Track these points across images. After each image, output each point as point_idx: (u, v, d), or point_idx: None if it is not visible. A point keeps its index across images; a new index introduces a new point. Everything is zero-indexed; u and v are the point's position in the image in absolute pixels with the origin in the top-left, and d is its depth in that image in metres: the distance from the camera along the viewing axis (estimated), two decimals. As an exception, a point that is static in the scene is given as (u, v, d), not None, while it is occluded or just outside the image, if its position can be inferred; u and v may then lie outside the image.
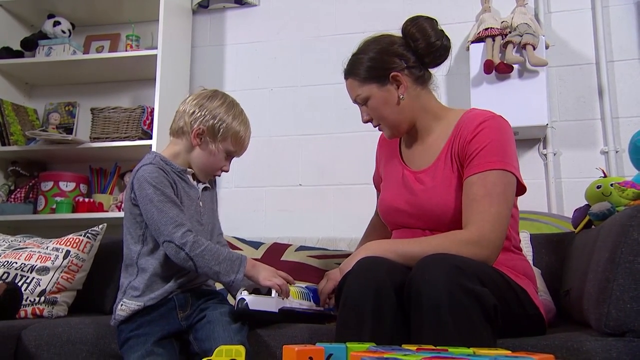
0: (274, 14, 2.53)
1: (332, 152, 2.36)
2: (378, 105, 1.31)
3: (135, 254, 1.28)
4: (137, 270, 1.27)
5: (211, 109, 1.31)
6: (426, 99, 1.35)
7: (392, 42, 1.32)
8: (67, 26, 2.51)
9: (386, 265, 1.11)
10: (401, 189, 1.34)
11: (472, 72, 2.13)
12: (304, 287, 1.41)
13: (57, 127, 2.46)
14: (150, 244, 1.28)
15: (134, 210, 1.27)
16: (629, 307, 1.05)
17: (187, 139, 1.32)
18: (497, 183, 1.19)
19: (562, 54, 2.20)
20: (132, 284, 1.27)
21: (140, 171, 1.26)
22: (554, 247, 1.72)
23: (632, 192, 1.40)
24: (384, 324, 1.04)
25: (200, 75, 2.55)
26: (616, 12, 2.19)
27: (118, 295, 1.29)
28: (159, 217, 1.22)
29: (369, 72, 1.30)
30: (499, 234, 1.17)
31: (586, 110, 2.16)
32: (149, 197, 1.23)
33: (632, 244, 1.08)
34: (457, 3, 2.33)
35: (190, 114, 1.31)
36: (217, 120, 1.31)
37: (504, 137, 1.24)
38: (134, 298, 1.25)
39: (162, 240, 1.23)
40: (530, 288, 1.24)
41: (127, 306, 1.25)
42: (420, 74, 1.33)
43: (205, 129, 1.30)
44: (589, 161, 2.10)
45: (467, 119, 1.29)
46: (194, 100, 1.34)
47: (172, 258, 1.23)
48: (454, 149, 1.28)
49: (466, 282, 0.99)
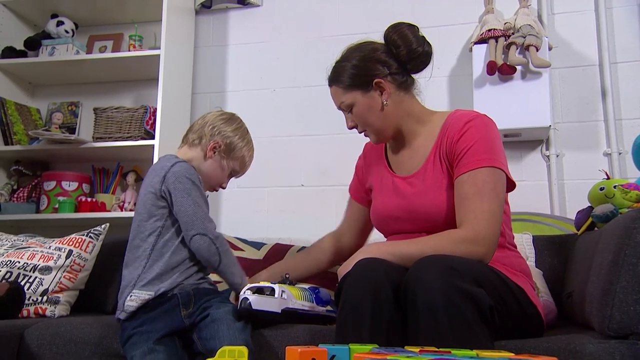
0: (276, 14, 2.53)
1: (334, 152, 2.36)
2: (362, 112, 1.33)
3: (150, 245, 1.31)
4: (147, 262, 1.30)
5: (229, 130, 1.44)
6: (410, 104, 1.36)
7: (375, 49, 1.34)
8: (71, 26, 2.51)
9: (384, 266, 1.12)
10: (392, 196, 1.35)
11: (475, 73, 2.13)
12: (307, 288, 1.41)
13: (60, 127, 2.47)
14: (167, 236, 1.32)
15: (158, 203, 1.32)
16: (632, 309, 1.05)
17: (203, 149, 1.42)
18: (488, 180, 1.20)
19: (565, 55, 2.20)
20: (142, 276, 1.29)
21: (177, 167, 1.33)
22: (557, 249, 1.72)
23: (635, 194, 1.40)
24: (383, 324, 1.05)
25: (203, 75, 2.55)
26: (619, 14, 2.19)
27: (125, 290, 1.30)
28: (194, 211, 1.29)
29: (353, 80, 1.33)
30: (493, 231, 1.18)
31: (589, 112, 2.16)
32: (187, 190, 1.30)
33: (635, 247, 1.07)
34: (460, 4, 2.33)
35: (210, 129, 1.42)
36: (233, 141, 1.43)
37: (491, 134, 1.26)
38: (144, 288, 1.27)
39: (194, 232, 1.29)
40: (527, 286, 1.24)
41: (137, 296, 1.27)
42: (403, 80, 1.34)
43: (222, 144, 1.42)
44: (591, 163, 2.10)
45: (452, 120, 1.31)
46: (215, 117, 1.45)
47: (202, 250, 1.29)
48: (442, 150, 1.29)
49: (461, 283, 1.00)
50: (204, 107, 2.49)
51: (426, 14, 2.36)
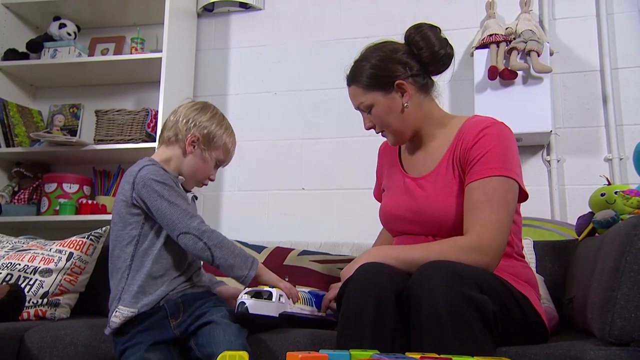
0: (278, 18, 2.54)
1: (335, 156, 2.36)
2: (382, 113, 1.32)
3: (129, 256, 1.27)
4: (129, 273, 1.26)
5: (204, 120, 1.36)
6: (429, 107, 1.35)
7: (395, 49, 1.32)
8: (73, 28, 2.52)
9: (387, 271, 1.12)
10: (403, 195, 1.34)
11: (476, 78, 2.13)
12: (307, 292, 1.40)
13: (61, 129, 2.47)
14: (145, 244, 1.27)
15: (131, 211, 1.27)
16: (634, 316, 1.05)
17: (181, 146, 1.35)
18: (498, 190, 1.19)
19: (566, 60, 2.20)
20: (126, 289, 1.26)
21: (144, 171, 1.28)
22: (557, 254, 1.72)
23: (636, 200, 1.40)
24: (385, 329, 1.05)
25: (204, 78, 2.56)
26: (621, 20, 2.19)
27: (112, 304, 1.28)
28: (171, 211, 1.24)
29: (373, 80, 1.30)
30: (499, 241, 1.17)
31: (590, 118, 2.16)
32: (158, 192, 1.24)
33: (636, 253, 1.07)
34: (462, 9, 2.33)
35: (184, 123, 1.35)
36: (210, 131, 1.36)
37: (506, 143, 1.24)
38: (128, 304, 1.24)
39: (177, 233, 1.23)
40: (532, 295, 1.23)
41: (120, 313, 1.24)
42: (424, 82, 1.33)
43: (200, 137, 1.35)
44: (592, 168, 2.10)
45: (469, 125, 1.29)
46: (187, 110, 1.38)
47: (190, 249, 1.24)
48: (455, 155, 1.28)
49: (465, 289, 1.00)
50: (205, 110, 2.49)
51: (427, 18, 2.33)
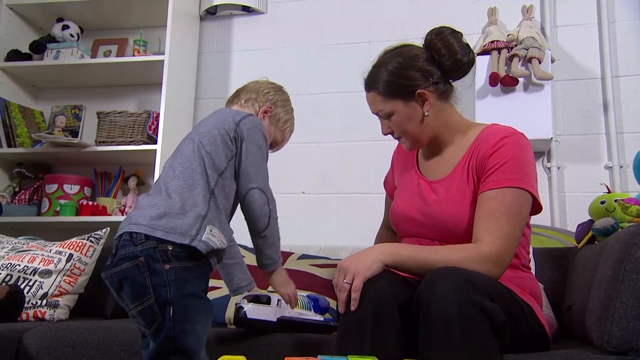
0: (280, 21, 2.55)
1: (336, 160, 2.36)
2: (402, 121, 1.29)
3: (214, 180, 1.16)
4: (211, 198, 1.14)
5: (280, 100, 1.39)
6: (448, 113, 1.33)
7: (415, 56, 1.28)
8: (76, 30, 2.53)
9: (387, 277, 1.11)
10: (415, 197, 1.33)
11: (478, 85, 2.14)
12: (305, 296, 1.41)
13: (63, 130, 2.47)
14: (226, 182, 1.19)
15: (228, 143, 1.19)
16: (632, 325, 1.05)
17: (255, 110, 1.34)
18: (515, 202, 1.18)
19: (567, 68, 2.21)
20: (210, 214, 1.13)
21: (252, 118, 1.25)
22: (557, 262, 1.72)
23: (635, 209, 1.40)
24: (385, 336, 1.04)
25: (206, 81, 2.56)
26: (622, 28, 2.19)
27: (195, 218, 1.10)
28: (261, 164, 1.21)
29: (394, 88, 1.27)
30: (511, 254, 1.17)
31: (591, 125, 2.16)
32: (260, 144, 1.22)
33: (635, 262, 1.07)
34: (463, 15, 2.34)
35: (266, 92, 1.37)
36: (280, 111, 1.38)
37: (525, 154, 1.23)
38: (215, 232, 1.12)
39: (254, 185, 1.18)
40: (536, 306, 1.23)
41: (217, 237, 1.12)
42: (445, 89, 1.30)
43: (274, 109, 1.36)
44: (593, 176, 2.10)
45: (487, 134, 1.28)
46: (269, 84, 1.40)
47: (255, 206, 1.18)
48: (471, 162, 1.26)
49: (477, 297, 0.99)
50: (206, 113, 2.49)
51: (429, 24, 2.34)
